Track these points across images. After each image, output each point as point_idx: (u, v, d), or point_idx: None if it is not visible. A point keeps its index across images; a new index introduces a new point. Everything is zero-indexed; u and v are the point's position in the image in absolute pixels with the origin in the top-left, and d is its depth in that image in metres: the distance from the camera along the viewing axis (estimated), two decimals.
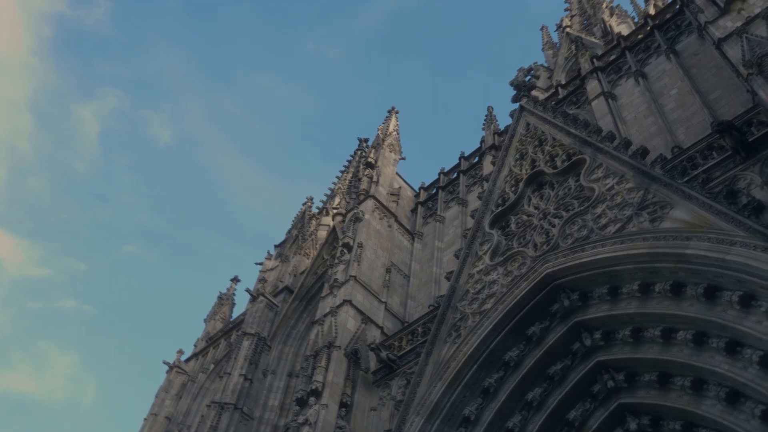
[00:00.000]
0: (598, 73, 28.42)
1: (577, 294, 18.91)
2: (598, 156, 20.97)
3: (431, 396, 19.64)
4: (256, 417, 29.51)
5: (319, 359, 23.47)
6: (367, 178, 33.52)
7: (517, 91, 27.35)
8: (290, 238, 41.81)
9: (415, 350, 22.62)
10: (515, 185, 23.54)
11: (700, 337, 16.28)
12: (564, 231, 19.98)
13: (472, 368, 19.59)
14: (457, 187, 32.25)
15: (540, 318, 19.36)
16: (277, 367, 31.71)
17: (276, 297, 35.75)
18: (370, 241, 29.29)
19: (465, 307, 21.14)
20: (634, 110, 25.14)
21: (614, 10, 50.69)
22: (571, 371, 18.82)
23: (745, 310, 15.24)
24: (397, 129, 38.34)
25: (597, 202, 19.69)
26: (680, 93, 23.84)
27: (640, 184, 18.78)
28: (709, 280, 15.98)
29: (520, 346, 19.41)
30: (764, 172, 16.75)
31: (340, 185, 43.87)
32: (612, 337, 18.33)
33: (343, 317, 25.21)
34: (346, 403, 22.27)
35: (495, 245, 22.12)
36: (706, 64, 23.79)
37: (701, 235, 16.01)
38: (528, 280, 19.74)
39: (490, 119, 34.70)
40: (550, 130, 23.93)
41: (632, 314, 17.79)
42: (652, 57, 26.98)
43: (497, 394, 19.32)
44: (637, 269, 17.55)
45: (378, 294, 27.23)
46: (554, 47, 55.07)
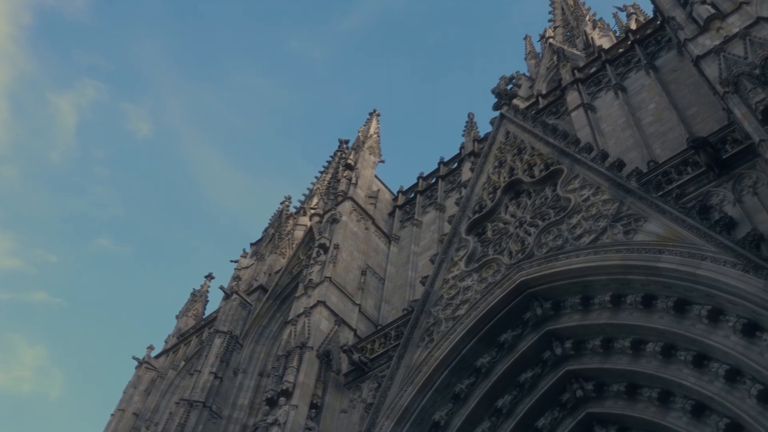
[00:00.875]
0: (579, 84, 28.68)
1: (550, 303, 19.08)
2: (576, 167, 21.18)
3: (402, 400, 19.68)
4: (225, 416, 29.30)
5: (291, 359, 23.37)
6: (346, 179, 33.50)
7: (498, 99, 27.55)
8: (267, 237, 41.63)
9: (388, 353, 22.63)
10: (493, 193, 23.69)
11: (669, 349, 16.51)
12: (539, 240, 20.14)
13: (443, 373, 19.68)
14: (436, 192, 32.34)
15: (512, 325, 19.50)
16: (249, 366, 31.51)
17: (250, 295, 35.55)
18: (347, 243, 29.26)
19: (439, 312, 21.21)
20: (613, 123, 25.42)
21: (597, 23, 51.28)
22: (541, 379, 18.97)
23: (714, 325, 15.49)
24: (378, 131, 38.37)
25: (573, 213, 19.88)
26: (658, 108, 24.15)
27: (615, 196, 18.99)
28: (679, 293, 16.22)
29: (491, 353, 19.54)
30: (736, 190, 17.05)
31: (319, 186, 43.80)
32: (582, 347, 18.51)
33: (316, 318, 25.15)
34: (316, 405, 22.21)
35: (471, 251, 22.23)
36: (684, 80, 24.12)
37: (673, 249, 16.26)
38: (502, 287, 19.88)
39: (470, 126, 34.86)
40: (530, 139, 24.13)
41: (603, 325, 17.98)
42: (632, 71, 27.29)
43: (468, 399, 19.41)
44: (609, 280, 17.76)
45: (352, 296, 27.21)
46: (537, 57, 55.52)
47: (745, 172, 17.17)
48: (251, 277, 38.44)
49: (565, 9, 59.94)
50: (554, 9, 61.64)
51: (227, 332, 32.29)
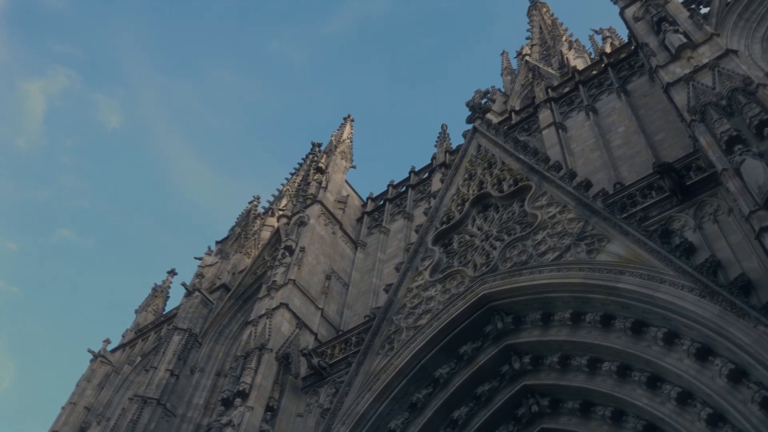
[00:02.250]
0: (552, 103, 29.08)
1: (511, 317, 19.24)
2: (544, 184, 21.44)
3: (358, 407, 19.64)
4: (179, 414, 28.89)
5: (250, 360, 23.17)
6: (316, 183, 33.41)
7: (472, 112, 27.78)
8: (233, 236, 41.23)
9: (347, 359, 22.56)
10: (461, 205, 23.85)
11: (624, 369, 16.75)
12: (504, 254, 20.32)
13: (401, 382, 19.69)
14: (405, 201, 32.42)
15: (473, 338, 19.61)
16: (206, 365, 31.15)
17: (212, 294, 35.18)
18: (313, 246, 29.15)
19: (401, 320, 21.24)
20: (582, 143, 25.81)
21: (573, 44, 52.06)
22: (498, 393, 19.10)
23: (668, 347, 15.77)
24: (351, 137, 38.39)
25: (538, 229, 20.09)
26: (627, 131, 24.59)
27: (581, 216, 19.26)
28: (637, 315, 16.49)
29: (450, 364, 19.61)
30: (698, 216, 17.43)
31: (289, 187, 43.58)
32: (540, 363, 18.68)
33: (278, 320, 24.98)
34: (272, 407, 22.03)
35: (436, 262, 22.33)
36: (654, 106, 24.61)
37: (633, 271, 16.54)
38: (465, 299, 19.99)
39: (443, 137, 35.09)
40: (500, 153, 24.37)
41: (562, 341, 18.18)
42: (604, 93, 27.77)
43: (424, 409, 19.45)
44: (570, 298, 17.99)
45: (315, 300, 27.10)
46: (512, 73, 56.14)
47: (707, 200, 17.57)
48: (215, 275, 38.03)
49: (543, 28, 60.77)
50: (532, 27, 62.48)
51: (186, 330, 31.90)
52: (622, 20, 26.11)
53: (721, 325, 14.30)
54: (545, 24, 60.93)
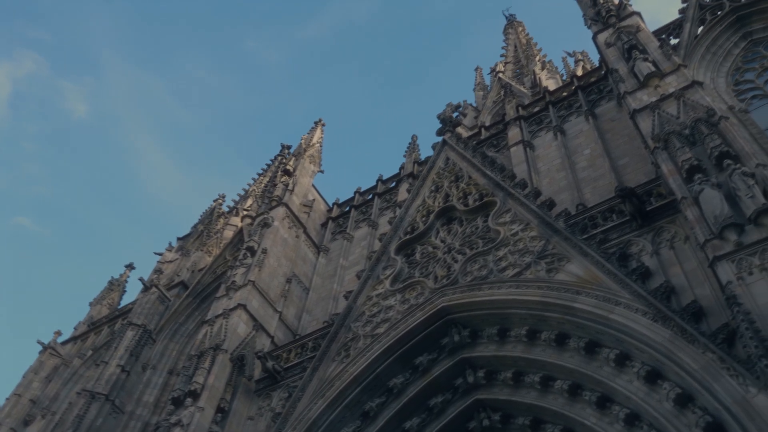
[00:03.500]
0: (521, 121, 29.42)
1: (468, 331, 19.35)
2: (509, 201, 21.65)
3: (311, 412, 19.52)
4: (127, 411, 28.37)
5: (203, 360, 22.87)
6: (283, 185, 33.22)
7: (442, 125, 27.96)
8: (195, 233, 40.77)
9: (302, 364, 22.41)
10: (426, 216, 23.95)
11: (576, 388, 16.95)
12: (465, 268, 20.44)
13: (355, 390, 19.65)
14: (371, 209, 32.42)
15: (429, 349, 19.65)
16: (159, 362, 30.68)
17: (170, 290, 34.69)
18: (275, 249, 28.95)
19: (358, 328, 21.20)
20: (549, 163, 26.14)
21: (546, 64, 52.88)
22: (451, 405, 19.15)
23: (620, 369, 16.01)
24: (321, 141, 38.29)
25: (500, 245, 20.27)
26: (593, 154, 24.98)
27: (542, 234, 19.49)
28: (591, 335, 16.72)
29: (405, 374, 19.62)
30: (656, 242, 17.78)
31: (255, 188, 43.31)
32: (494, 378, 18.81)
33: (234, 321, 24.72)
34: (223, 409, 21.75)
35: (397, 271, 22.36)
36: (620, 130, 25.05)
37: (590, 292, 16.78)
38: (423, 310, 20.05)
39: (412, 147, 35.24)
40: (468, 168, 24.55)
41: (516, 358, 18.33)
42: (572, 115, 28.18)
43: (376, 419, 19.41)
44: (527, 315, 18.16)
45: (274, 302, 26.89)
46: (485, 89, 56.72)
47: (666, 226, 17.93)
48: (174, 272, 37.52)
49: (518, 47, 61.60)
50: (507, 45, 63.31)
51: (141, 325, 31.39)
52: (595, 45, 26.58)
53: (672, 350, 14.57)
54: (520, 43, 61.78)
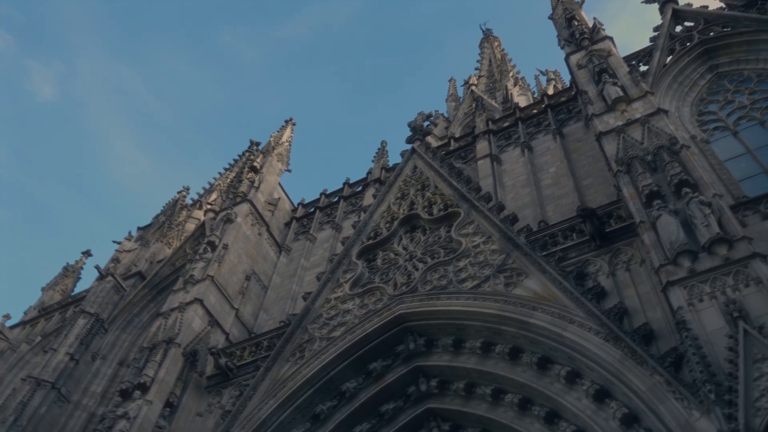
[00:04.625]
0: (491, 135, 29.73)
1: (424, 339, 19.44)
2: (473, 213, 21.84)
3: (261, 412, 19.40)
4: (73, 400, 27.77)
5: (155, 353, 22.54)
6: (249, 181, 32.99)
7: (412, 133, 28.12)
8: (156, 224, 40.15)
9: (256, 363, 22.24)
10: (390, 222, 24.02)
11: (525, 403, 17.14)
12: (425, 276, 20.55)
13: (307, 392, 19.60)
14: (335, 211, 32.40)
15: (384, 355, 19.69)
16: (110, 352, 30.12)
17: (126, 280, 34.09)
18: (237, 245, 28.71)
19: (315, 330, 21.14)
20: (515, 178, 26.45)
21: (519, 81, 53.54)
22: (402, 413, 19.19)
23: (570, 386, 16.25)
24: (290, 140, 38.14)
25: (461, 256, 20.43)
26: (558, 172, 25.35)
27: (503, 248, 19.70)
28: (544, 351, 16.94)
29: (359, 379, 19.62)
30: (612, 263, 18.11)
31: (221, 182, 42.86)
32: (447, 387, 18.91)
33: (190, 315, 24.42)
34: (172, 404, 21.45)
35: (358, 276, 22.37)
36: (586, 151, 25.46)
37: (546, 308, 17.01)
38: (381, 316, 20.10)
39: (381, 153, 35.34)
40: (435, 177, 24.71)
41: (470, 369, 18.47)
42: (541, 133, 28.58)
43: (327, 422, 19.37)
44: (483, 327, 18.32)
45: (232, 299, 26.65)
46: (457, 100, 57.19)
47: (623, 248, 18.27)
48: (131, 261, 36.89)
49: (493, 61, 62.25)
50: (482, 59, 63.92)
51: (93, 314, 30.80)
52: (567, 66, 27.02)
53: (621, 370, 14.84)
54: (495, 57, 62.44)
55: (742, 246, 14.64)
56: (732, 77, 24.57)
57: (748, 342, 12.62)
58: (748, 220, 17.08)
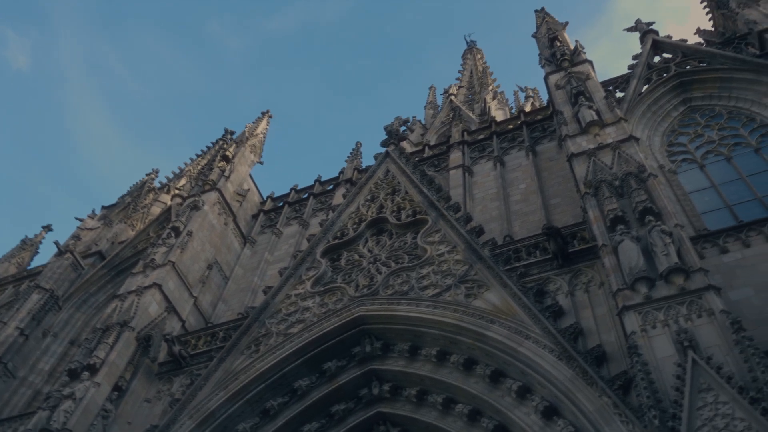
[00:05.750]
0: (465, 146, 29.94)
1: (381, 343, 19.49)
2: (440, 221, 21.96)
3: (210, 403, 19.23)
4: (19, 377, 27.17)
5: (108, 335, 22.20)
6: (220, 170, 32.73)
7: (388, 137, 28.20)
8: (121, 204, 39.53)
9: (210, 353, 22.01)
10: (358, 224, 24.04)
11: (475, 414, 17.27)
12: (388, 281, 20.59)
13: (259, 386, 19.48)
14: (304, 208, 32.28)
15: (339, 356, 19.68)
16: (62, 330, 29.54)
17: (85, 258, 33.50)
18: (201, 233, 28.43)
19: (273, 325, 21.03)
20: (485, 191, 26.65)
21: (497, 95, 53.99)
22: (352, 415, 19.19)
23: (520, 401, 16.41)
24: (265, 133, 37.94)
25: (425, 264, 20.52)
26: (527, 189, 25.60)
27: (467, 259, 19.84)
28: (498, 364, 17.10)
29: (312, 378, 19.57)
30: (572, 283, 18.36)
31: (191, 168, 42.36)
32: (399, 393, 18.95)
33: (147, 299, 24.10)
34: (120, 387, 21.13)
35: (320, 274, 22.32)
36: (557, 171, 25.75)
37: (503, 322, 17.17)
38: (340, 316, 20.08)
39: (355, 154, 35.35)
40: (406, 183, 24.79)
41: (424, 376, 18.55)
42: (514, 149, 28.85)
43: (276, 418, 19.27)
44: (440, 336, 18.42)
45: (192, 287, 26.35)
46: (435, 108, 57.45)
47: (584, 269, 18.54)
48: (92, 240, 36.25)
49: (474, 73, 62.71)
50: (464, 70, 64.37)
51: (48, 290, 30.20)
52: (546, 85, 27.33)
53: (571, 389, 15.03)
54: (476, 69, 62.91)
55: (698, 277, 14.94)
56: (704, 112, 25.08)
57: (695, 371, 12.88)
58: (707, 252, 17.45)
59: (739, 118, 24.22)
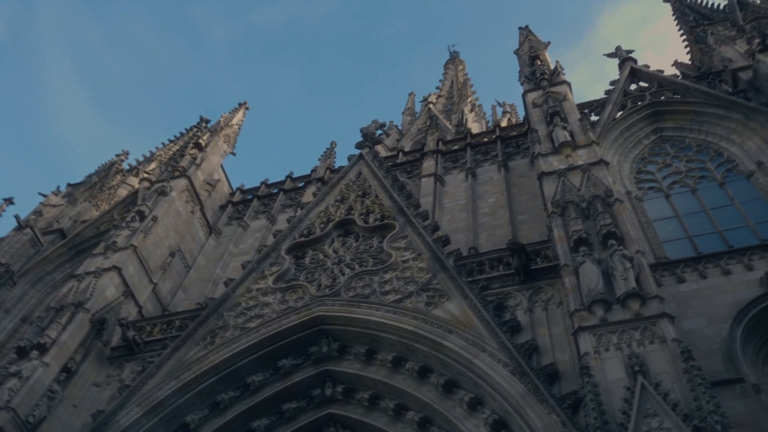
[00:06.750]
0: (439, 155, 30.08)
1: (338, 344, 19.45)
2: (407, 228, 22.02)
3: (160, 392, 19.00)
4: None
5: (61, 315, 21.80)
6: (191, 157, 32.40)
7: (363, 139, 28.25)
8: (87, 183, 38.86)
9: (165, 341, 21.71)
10: (326, 223, 24.00)
11: (425, 422, 17.33)
12: (350, 283, 20.59)
13: (212, 378, 19.31)
14: (273, 203, 32.10)
15: (295, 354, 19.59)
16: (14, 306, 28.87)
17: (45, 235, 32.87)
18: (167, 219, 28.07)
19: (231, 318, 20.86)
20: (454, 201, 26.78)
21: (475, 107, 54.43)
22: (303, 414, 19.09)
23: (471, 413, 16.51)
24: (241, 124, 37.69)
25: (389, 269, 20.56)
26: (497, 203, 25.78)
27: (431, 268, 19.92)
28: (452, 374, 17.18)
29: (266, 374, 19.46)
30: (532, 300, 18.53)
31: (163, 153, 41.85)
32: (351, 396, 18.92)
33: (105, 282, 23.71)
34: (69, 369, 20.74)
35: (283, 271, 22.22)
36: (527, 188, 25.98)
37: (461, 333, 17.27)
38: (299, 314, 20.03)
39: (329, 153, 35.31)
40: (377, 187, 24.83)
41: (378, 381, 18.56)
42: (487, 162, 29.06)
43: (225, 411, 19.10)
44: (398, 342, 18.45)
45: (152, 273, 25.99)
46: (413, 115, 57.61)
47: (545, 287, 18.72)
48: (54, 217, 35.57)
49: (455, 84, 63.09)
50: (445, 79, 64.72)
51: (4, 264, 29.49)
52: (523, 102, 27.62)
53: (522, 405, 15.16)
54: (457, 80, 63.30)
55: (653, 304, 15.19)
56: (674, 142, 25.56)
57: (643, 396, 13.07)
58: (665, 280, 17.76)
59: (707, 151, 24.75)
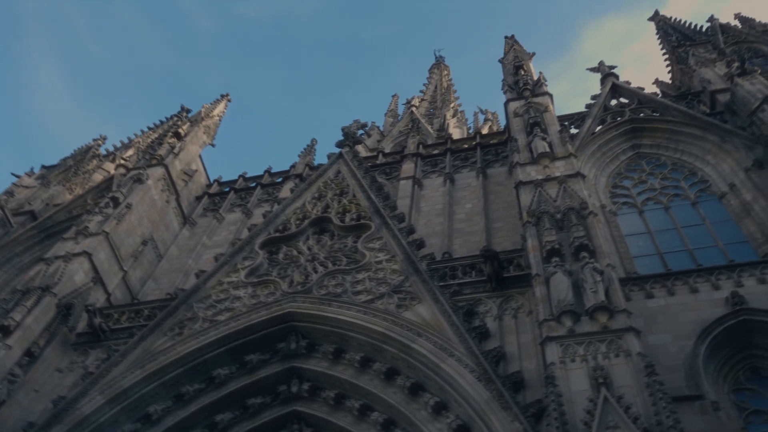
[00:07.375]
0: (418, 159, 30.15)
1: (307, 342, 19.43)
2: (383, 229, 22.05)
3: (124, 380, 18.81)
4: None
5: (27, 298, 21.47)
6: (169, 146, 32.13)
7: (344, 138, 28.25)
8: (62, 166, 38.37)
9: (132, 330, 21.46)
10: (301, 220, 23.95)
11: (389, 424, 17.37)
12: (323, 281, 20.56)
13: (177, 370, 19.17)
14: (250, 196, 31.94)
15: (263, 350, 19.52)
16: None
17: (16, 216, 32.37)
18: (141, 207, 27.80)
19: (200, 310, 20.72)
20: (431, 205, 26.86)
21: (458, 113, 54.70)
22: (268, 410, 19.04)
23: (435, 416, 16.57)
24: (221, 116, 37.46)
25: (362, 269, 20.57)
26: (473, 210, 25.90)
27: (404, 270, 19.96)
28: (419, 378, 17.24)
29: (232, 368, 19.36)
30: (502, 307, 18.65)
31: (141, 140, 41.39)
32: (317, 394, 18.91)
33: (74, 267, 23.42)
34: (32, 353, 20.44)
35: (256, 265, 22.13)
36: (504, 196, 26.13)
37: (430, 337, 17.33)
38: (270, 310, 19.96)
39: (309, 150, 35.27)
40: (355, 186, 24.83)
41: (344, 380, 18.56)
42: (466, 168, 29.19)
43: (189, 403, 18.97)
44: (367, 342, 18.47)
45: (123, 260, 25.71)
46: (396, 117, 57.72)
47: (515, 296, 18.85)
48: (26, 198, 35.07)
49: (438, 88, 63.30)
50: (429, 83, 64.92)
51: None
52: (505, 111, 27.79)
53: (486, 411, 15.22)
54: (441, 85, 63.52)
55: (621, 318, 15.36)
56: (650, 159, 25.89)
57: (605, 408, 13.21)
58: (633, 295, 17.96)
59: (682, 170, 25.11)
